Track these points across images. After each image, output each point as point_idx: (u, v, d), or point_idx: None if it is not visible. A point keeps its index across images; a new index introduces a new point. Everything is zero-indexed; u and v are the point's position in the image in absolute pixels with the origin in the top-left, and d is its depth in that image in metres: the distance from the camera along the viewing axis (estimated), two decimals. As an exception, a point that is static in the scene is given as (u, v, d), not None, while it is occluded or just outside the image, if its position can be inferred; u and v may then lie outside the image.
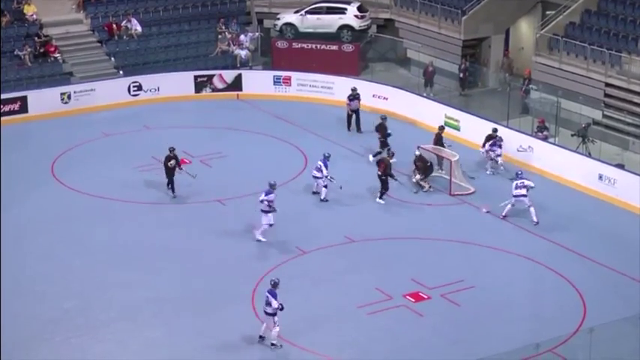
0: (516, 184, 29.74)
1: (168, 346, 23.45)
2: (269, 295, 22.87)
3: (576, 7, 39.28)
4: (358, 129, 37.05)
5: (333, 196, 31.17)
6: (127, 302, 25.25)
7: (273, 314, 22.83)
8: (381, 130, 34.36)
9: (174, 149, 31.36)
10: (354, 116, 37.21)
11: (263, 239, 28.43)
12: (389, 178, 30.99)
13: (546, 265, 27.29)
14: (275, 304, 22.72)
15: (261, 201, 28.24)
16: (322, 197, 31.13)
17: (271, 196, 28.28)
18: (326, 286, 26.13)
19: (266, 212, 28.27)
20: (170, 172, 31.42)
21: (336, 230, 29.21)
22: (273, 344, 23.04)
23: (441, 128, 33.77)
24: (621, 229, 29.53)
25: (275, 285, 22.94)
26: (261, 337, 23.27)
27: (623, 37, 37.32)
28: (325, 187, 31.09)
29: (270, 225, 28.38)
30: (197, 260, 27.57)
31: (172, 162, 31.31)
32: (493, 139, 33.46)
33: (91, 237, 28.90)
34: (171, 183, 31.55)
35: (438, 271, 26.92)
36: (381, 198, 31.08)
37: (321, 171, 31.09)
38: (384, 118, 34.69)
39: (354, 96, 37.12)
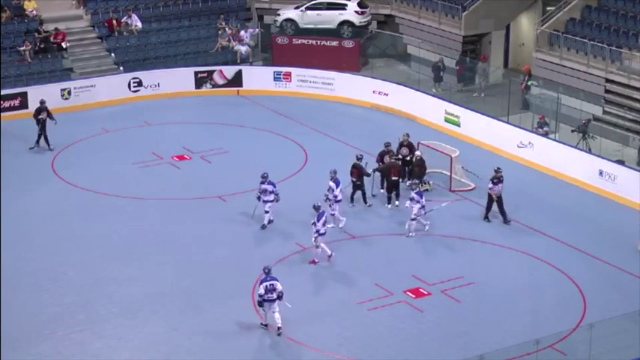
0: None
1: (168, 341, 23.43)
2: (274, 282, 22.99)
3: (577, 2, 39.27)
4: (504, 219, 29.64)
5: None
6: (128, 297, 25.24)
7: (279, 298, 23.01)
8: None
9: (44, 101, 34.69)
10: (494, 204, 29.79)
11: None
12: (364, 178, 30.30)
13: (546, 261, 27.28)
14: (280, 286, 22.92)
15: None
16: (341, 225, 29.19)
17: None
18: (326, 282, 26.13)
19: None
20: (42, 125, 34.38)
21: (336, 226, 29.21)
22: (280, 328, 23.07)
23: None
24: (621, 225, 29.53)
25: (270, 271, 23.21)
26: (264, 325, 23.38)
27: (624, 32, 37.30)
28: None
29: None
30: (198, 256, 27.56)
31: (44, 114, 34.23)
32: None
33: (92, 232, 28.89)
34: (44, 136, 34.48)
35: (438, 267, 26.92)
36: (365, 201, 30.31)
37: (333, 191, 28.79)
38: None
39: (498, 178, 29.62)
